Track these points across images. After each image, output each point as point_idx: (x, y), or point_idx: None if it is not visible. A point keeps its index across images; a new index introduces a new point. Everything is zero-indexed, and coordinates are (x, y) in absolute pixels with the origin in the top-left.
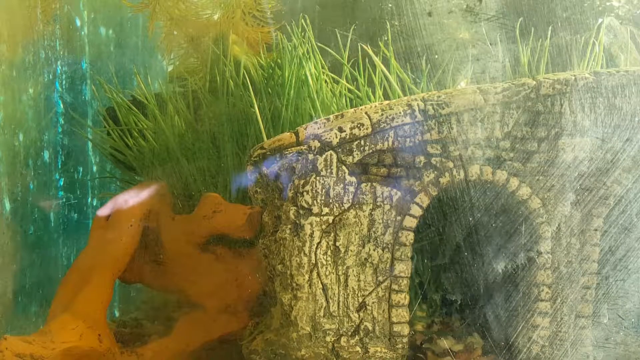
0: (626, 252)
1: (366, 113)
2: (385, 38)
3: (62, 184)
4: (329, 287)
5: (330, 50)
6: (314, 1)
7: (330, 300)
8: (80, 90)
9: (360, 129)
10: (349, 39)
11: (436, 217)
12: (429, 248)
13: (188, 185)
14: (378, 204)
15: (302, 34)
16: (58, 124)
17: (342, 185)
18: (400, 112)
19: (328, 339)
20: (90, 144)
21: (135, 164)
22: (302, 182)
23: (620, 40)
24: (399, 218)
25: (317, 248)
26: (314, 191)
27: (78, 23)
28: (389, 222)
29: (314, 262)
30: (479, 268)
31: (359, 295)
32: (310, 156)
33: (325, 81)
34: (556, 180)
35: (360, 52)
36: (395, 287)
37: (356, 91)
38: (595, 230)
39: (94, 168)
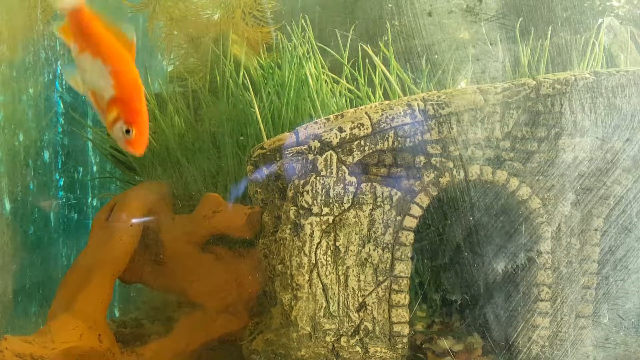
0: (626, 252)
1: (366, 113)
2: (385, 38)
3: (62, 184)
4: (329, 287)
5: (330, 50)
6: (314, 1)
7: (330, 300)
8: None
9: (360, 129)
10: (349, 39)
11: (436, 217)
12: (429, 248)
13: (188, 185)
14: (378, 204)
15: (302, 34)
16: (58, 124)
17: (342, 185)
18: (400, 112)
19: (328, 339)
20: (90, 144)
21: (135, 164)
22: (302, 182)
23: (620, 40)
24: (399, 218)
25: (317, 248)
26: (314, 191)
27: None
28: (389, 222)
29: (314, 262)
30: (479, 268)
31: (359, 295)
32: (310, 156)
33: (325, 81)
34: (556, 180)
35: (360, 52)
36: (395, 287)
37: (356, 91)
38: (595, 230)
39: (94, 168)
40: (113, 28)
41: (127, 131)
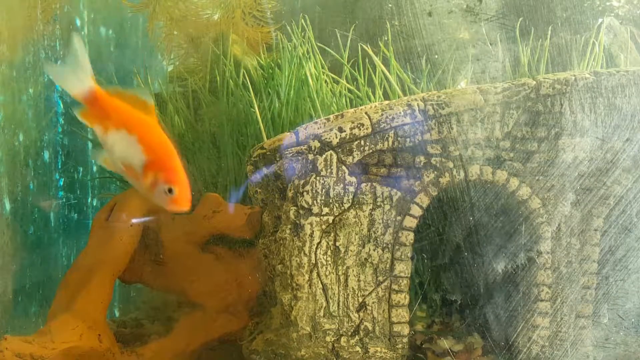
0: (626, 252)
1: (366, 113)
2: (385, 38)
3: (62, 184)
4: (329, 287)
5: (330, 50)
6: (314, 1)
7: (330, 300)
8: None
9: (360, 129)
10: (349, 39)
11: (436, 217)
12: (429, 248)
13: None
14: (378, 204)
15: (302, 34)
16: (58, 124)
17: (342, 185)
18: (400, 112)
19: (328, 339)
20: (90, 144)
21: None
22: (302, 182)
23: (620, 40)
24: (399, 218)
25: (317, 248)
26: (314, 191)
27: (78, 23)
28: (389, 222)
29: (314, 262)
30: (479, 268)
31: (359, 295)
32: (310, 156)
33: (325, 81)
34: (556, 180)
35: (360, 52)
36: (395, 287)
37: (356, 91)
38: (595, 230)
39: (94, 168)
40: (129, 96)
41: (169, 190)
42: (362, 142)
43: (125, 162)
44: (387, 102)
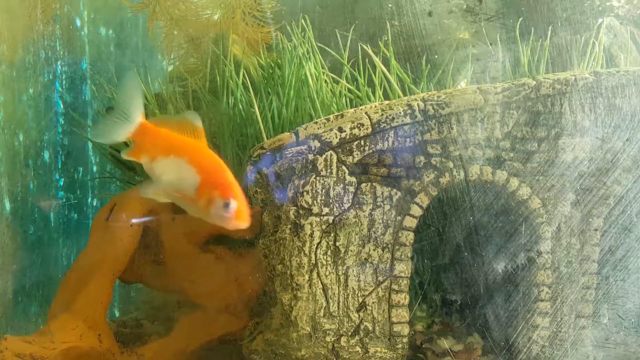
0: (626, 252)
1: (366, 113)
2: (385, 38)
3: (62, 184)
4: (329, 287)
5: (330, 50)
6: (314, 1)
7: (330, 300)
8: (80, 90)
9: (360, 129)
10: (349, 39)
11: (436, 217)
12: (429, 248)
13: None
14: (378, 204)
15: (302, 34)
16: (58, 124)
17: (342, 185)
18: (400, 112)
19: (328, 339)
20: (90, 144)
21: (135, 164)
22: (302, 182)
23: (620, 40)
24: (399, 218)
25: (317, 248)
26: (314, 191)
27: (78, 23)
28: (389, 222)
29: (314, 262)
30: (479, 268)
31: (359, 295)
32: (310, 156)
33: (325, 81)
34: (556, 180)
35: (360, 52)
36: (395, 287)
37: (356, 91)
38: (595, 230)
39: (94, 168)
40: (176, 121)
41: (227, 205)
42: (362, 142)
43: (177, 187)
44: (387, 102)
